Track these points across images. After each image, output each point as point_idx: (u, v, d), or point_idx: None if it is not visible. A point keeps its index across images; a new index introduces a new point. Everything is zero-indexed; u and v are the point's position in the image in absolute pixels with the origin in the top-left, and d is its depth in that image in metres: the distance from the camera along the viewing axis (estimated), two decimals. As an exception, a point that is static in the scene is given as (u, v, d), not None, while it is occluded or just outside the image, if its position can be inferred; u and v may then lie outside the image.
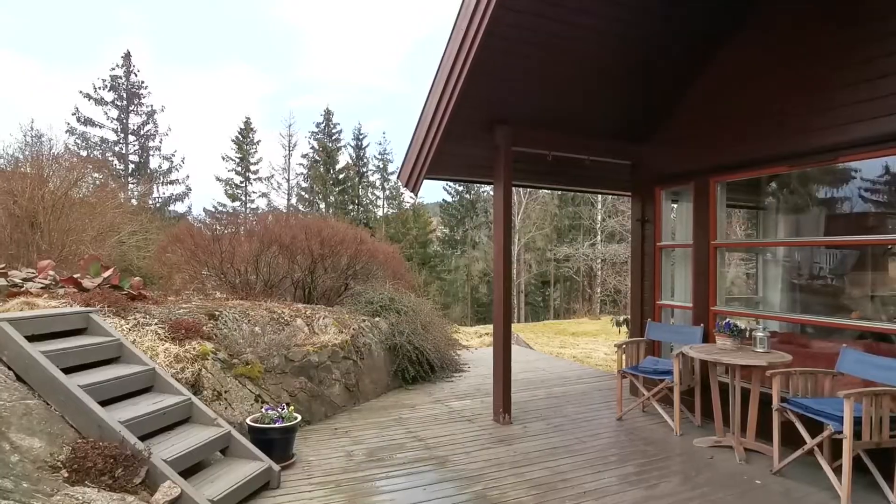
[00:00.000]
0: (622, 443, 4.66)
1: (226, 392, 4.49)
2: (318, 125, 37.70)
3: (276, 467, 3.73)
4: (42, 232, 6.66)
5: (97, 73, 36.07)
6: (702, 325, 5.22)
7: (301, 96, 51.92)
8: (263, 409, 4.20)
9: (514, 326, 17.49)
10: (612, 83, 5.34)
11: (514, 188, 5.76)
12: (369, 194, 38.83)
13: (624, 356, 5.39)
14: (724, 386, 4.69)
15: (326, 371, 5.57)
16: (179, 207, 31.47)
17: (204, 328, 4.77)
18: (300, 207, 35.98)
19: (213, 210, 31.33)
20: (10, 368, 3.25)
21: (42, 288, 4.63)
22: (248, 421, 4.12)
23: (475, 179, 6.22)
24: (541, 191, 32.23)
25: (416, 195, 5.38)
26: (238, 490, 3.36)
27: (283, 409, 4.20)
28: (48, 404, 3.18)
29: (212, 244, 7.59)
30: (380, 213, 38.79)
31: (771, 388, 3.95)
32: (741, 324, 4.97)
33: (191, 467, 3.40)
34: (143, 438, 3.25)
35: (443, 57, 4.67)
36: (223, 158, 35.47)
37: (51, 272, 5.03)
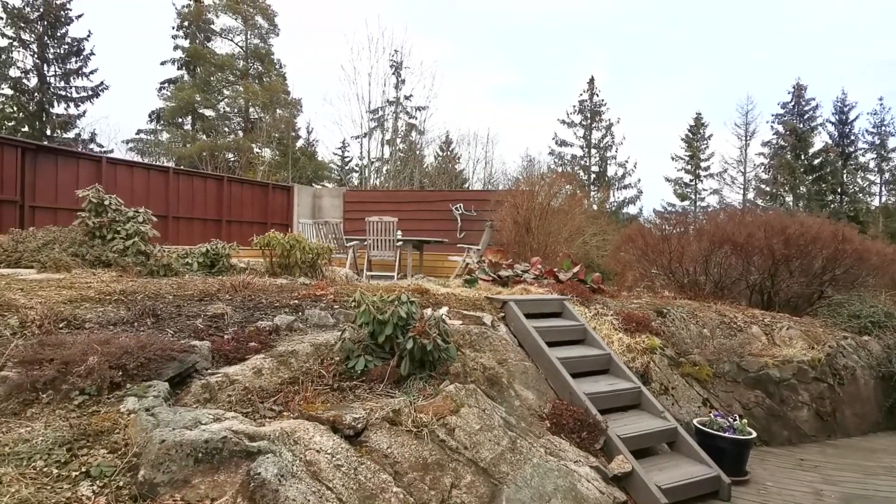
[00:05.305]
0: None
1: (672, 388, 4.60)
2: (783, 105, 32.43)
3: (727, 479, 3.56)
4: (532, 235, 8.69)
5: (569, 102, 43.18)
6: None
7: (760, 77, 45.73)
8: (712, 415, 4.08)
9: None
10: None
11: None
12: (858, 180, 30.48)
13: None
14: None
15: (791, 390, 4.85)
16: (631, 210, 33.65)
17: (652, 323, 5.03)
18: (758, 202, 31.94)
19: (662, 210, 31.90)
20: (515, 336, 4.42)
21: (533, 278, 6.02)
22: (694, 422, 4.10)
23: None
24: None
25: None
26: (685, 487, 3.42)
27: (734, 419, 3.96)
28: (537, 367, 4.14)
29: (660, 244, 7.87)
30: (874, 202, 29.87)
31: None
32: None
33: (638, 450, 3.69)
34: (600, 412, 3.77)
35: None
36: (672, 158, 35.51)
37: (538, 266, 6.46)
